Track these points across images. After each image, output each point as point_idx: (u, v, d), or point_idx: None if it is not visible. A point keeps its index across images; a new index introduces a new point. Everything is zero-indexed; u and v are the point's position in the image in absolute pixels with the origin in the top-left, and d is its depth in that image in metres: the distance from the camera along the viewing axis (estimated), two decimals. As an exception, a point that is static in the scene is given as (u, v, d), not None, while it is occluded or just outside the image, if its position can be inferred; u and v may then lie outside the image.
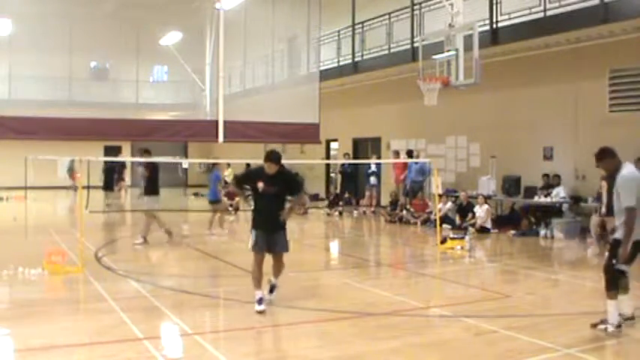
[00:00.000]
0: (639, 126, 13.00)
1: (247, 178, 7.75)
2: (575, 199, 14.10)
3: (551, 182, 14.52)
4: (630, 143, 13.02)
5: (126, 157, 26.53)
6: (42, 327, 6.57)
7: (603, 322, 6.43)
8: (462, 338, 6.37)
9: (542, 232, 14.09)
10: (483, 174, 16.20)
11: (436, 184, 13.17)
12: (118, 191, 23.46)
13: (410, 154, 18.20)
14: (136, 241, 12.69)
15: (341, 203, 20.04)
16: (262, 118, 15.90)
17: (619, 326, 6.36)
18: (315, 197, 23.47)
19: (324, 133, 17.52)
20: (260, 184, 7.28)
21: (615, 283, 6.41)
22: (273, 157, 7.29)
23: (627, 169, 6.52)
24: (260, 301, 7.20)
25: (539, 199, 14.39)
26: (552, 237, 13.80)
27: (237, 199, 18.90)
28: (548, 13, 13.64)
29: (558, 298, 8.69)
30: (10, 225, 16.44)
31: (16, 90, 22.55)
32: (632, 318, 6.63)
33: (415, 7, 17.67)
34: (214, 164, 15.96)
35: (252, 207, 7.52)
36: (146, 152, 12.85)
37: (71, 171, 29.10)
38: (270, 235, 7.40)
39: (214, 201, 14.94)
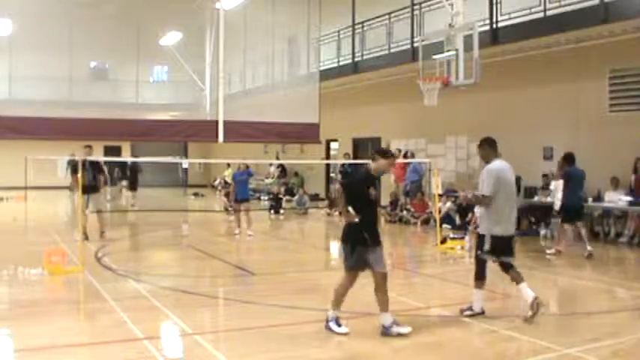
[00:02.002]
0: (639, 126, 13.01)
1: (360, 185, 6.39)
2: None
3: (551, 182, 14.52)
4: (630, 143, 13.05)
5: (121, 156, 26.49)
6: (42, 327, 6.57)
7: (470, 308, 6.96)
8: (462, 338, 6.37)
9: (543, 232, 14.09)
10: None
11: (436, 184, 13.18)
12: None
13: (405, 154, 18.15)
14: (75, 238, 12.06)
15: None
16: (262, 118, 15.89)
17: (482, 312, 6.92)
18: (315, 197, 23.48)
19: (324, 133, 17.51)
20: (372, 191, 6.30)
21: (482, 273, 7.00)
22: (392, 153, 6.57)
23: (494, 164, 6.93)
24: (339, 320, 6.38)
25: (540, 199, 14.39)
26: (552, 237, 13.80)
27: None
28: (548, 13, 13.65)
29: (558, 298, 8.69)
30: (10, 225, 16.45)
31: (16, 90, 22.54)
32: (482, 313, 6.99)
33: (415, 7, 17.66)
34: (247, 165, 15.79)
35: (358, 219, 6.25)
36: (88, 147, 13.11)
37: (73, 171, 29.07)
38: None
39: (246, 200, 14.78)
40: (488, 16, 14.89)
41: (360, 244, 6.25)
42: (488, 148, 7.02)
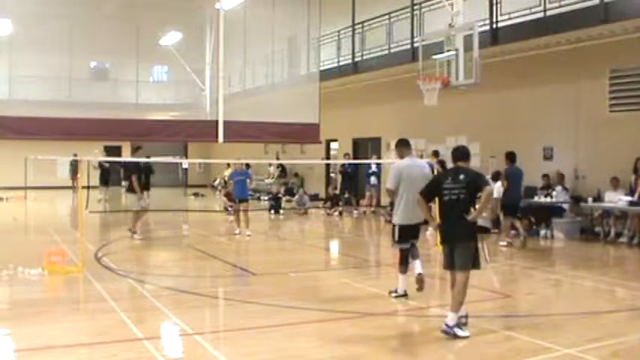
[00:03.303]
0: (639, 126, 13.01)
1: None
2: (576, 199, 14.09)
3: (552, 182, 14.52)
4: (630, 143, 13.05)
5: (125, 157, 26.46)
6: (42, 327, 6.56)
7: (395, 291, 7.85)
8: (462, 338, 6.36)
9: (543, 232, 14.08)
10: (483, 174, 16.16)
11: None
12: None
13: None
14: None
15: (341, 203, 20.05)
16: (262, 118, 15.88)
17: (404, 295, 7.77)
18: (315, 197, 23.49)
19: (324, 133, 17.50)
20: None
21: (404, 260, 7.83)
22: None
23: (401, 161, 7.94)
24: (460, 323, 6.33)
25: (539, 199, 14.38)
26: (552, 237, 13.80)
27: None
28: (548, 13, 13.64)
29: (558, 298, 8.70)
30: (10, 225, 16.46)
31: (16, 90, 22.53)
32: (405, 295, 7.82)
33: (415, 7, 17.66)
34: (248, 165, 15.78)
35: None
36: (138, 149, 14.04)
37: (74, 172, 29.01)
38: None
39: (245, 200, 14.78)
40: (488, 16, 14.88)
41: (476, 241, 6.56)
42: (402, 147, 8.05)
